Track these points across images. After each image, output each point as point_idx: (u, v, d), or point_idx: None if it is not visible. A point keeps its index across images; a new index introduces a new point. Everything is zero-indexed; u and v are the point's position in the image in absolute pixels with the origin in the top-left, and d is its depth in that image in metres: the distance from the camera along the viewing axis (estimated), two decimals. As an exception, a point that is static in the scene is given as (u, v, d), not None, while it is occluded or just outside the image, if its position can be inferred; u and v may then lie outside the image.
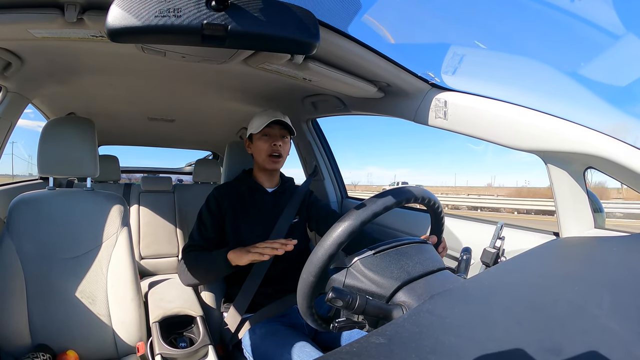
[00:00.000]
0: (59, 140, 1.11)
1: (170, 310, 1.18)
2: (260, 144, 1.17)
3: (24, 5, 0.67)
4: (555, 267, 0.62)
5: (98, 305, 1.07)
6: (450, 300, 0.46)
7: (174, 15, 0.49)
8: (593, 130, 0.75)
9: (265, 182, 1.23)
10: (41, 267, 1.03)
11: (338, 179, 1.80)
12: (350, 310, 0.52)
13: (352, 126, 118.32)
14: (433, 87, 1.01)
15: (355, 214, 0.58)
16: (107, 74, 1.18)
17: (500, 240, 0.73)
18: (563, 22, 0.93)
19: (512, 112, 0.85)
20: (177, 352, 1.02)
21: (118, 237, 1.13)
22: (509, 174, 68.74)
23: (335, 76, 0.98)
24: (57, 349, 0.97)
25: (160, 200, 2.15)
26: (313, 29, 0.58)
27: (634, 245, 0.68)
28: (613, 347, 0.32)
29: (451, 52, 0.99)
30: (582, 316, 0.39)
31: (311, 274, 0.57)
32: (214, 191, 1.19)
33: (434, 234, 0.80)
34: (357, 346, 0.33)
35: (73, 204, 1.13)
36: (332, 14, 0.77)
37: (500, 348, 0.33)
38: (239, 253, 0.98)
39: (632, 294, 0.45)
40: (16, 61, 0.95)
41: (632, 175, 0.71)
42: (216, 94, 1.42)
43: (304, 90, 1.32)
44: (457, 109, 0.94)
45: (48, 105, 1.58)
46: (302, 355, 0.89)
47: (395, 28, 0.97)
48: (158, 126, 2.04)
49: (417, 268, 0.59)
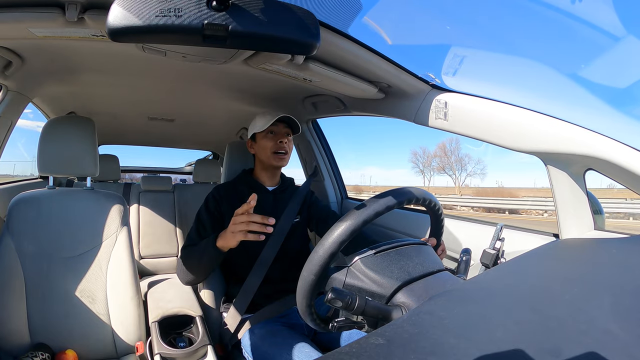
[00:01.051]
0: (59, 139, 1.11)
1: (169, 310, 1.18)
2: (265, 142, 1.17)
3: (25, 4, 0.67)
4: (554, 269, 0.62)
5: (97, 305, 1.07)
6: (449, 302, 0.46)
7: (174, 15, 0.49)
8: (593, 131, 0.75)
9: (267, 181, 1.23)
10: (41, 266, 1.03)
11: (338, 179, 1.80)
12: (350, 311, 0.52)
13: (352, 126, 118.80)
14: (433, 88, 1.01)
15: (357, 213, 0.59)
16: (108, 73, 1.18)
17: (499, 242, 0.74)
18: (563, 23, 0.93)
19: (512, 113, 0.85)
20: (176, 352, 1.02)
21: (118, 237, 1.13)
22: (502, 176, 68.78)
23: (335, 77, 0.98)
24: (56, 348, 0.97)
25: (160, 200, 2.15)
26: (314, 30, 0.58)
27: (633, 247, 0.68)
28: (612, 348, 0.32)
29: (451, 53, 0.99)
30: (582, 318, 0.39)
31: (312, 273, 0.57)
32: (213, 191, 1.19)
33: (433, 236, 0.80)
34: (357, 347, 0.33)
35: (73, 203, 1.13)
36: (333, 15, 0.77)
37: (499, 349, 0.33)
38: (225, 236, 0.95)
39: (631, 295, 0.45)
40: (17, 60, 0.95)
41: (632, 177, 0.71)
42: (216, 94, 1.42)
43: (305, 91, 1.32)
44: (457, 110, 0.94)
45: (48, 104, 1.59)
46: (301, 356, 0.88)
47: (395, 29, 0.97)
48: (158, 126, 2.04)
49: (417, 269, 0.60)
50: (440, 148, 28.54)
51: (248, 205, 0.88)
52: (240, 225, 0.89)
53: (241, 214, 0.90)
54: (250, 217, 0.89)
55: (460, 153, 28.12)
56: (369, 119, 1.39)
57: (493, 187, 29.40)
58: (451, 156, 28.39)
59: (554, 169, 0.85)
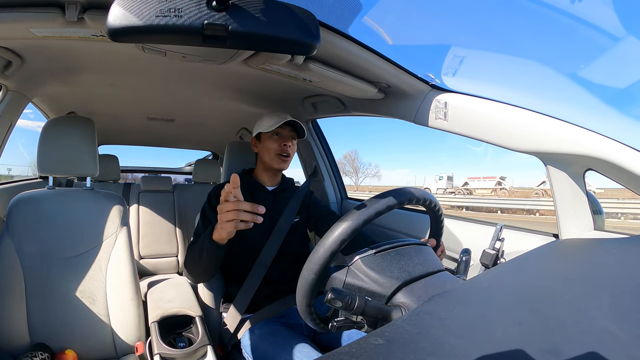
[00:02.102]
0: (58, 139, 1.11)
1: (169, 310, 1.18)
2: (270, 143, 1.17)
3: (25, 4, 0.67)
4: (554, 269, 0.62)
5: (97, 305, 1.07)
6: (449, 302, 0.46)
7: (174, 15, 0.49)
8: (593, 132, 0.75)
9: (267, 181, 1.23)
10: (40, 266, 1.03)
11: (338, 179, 1.80)
12: (350, 311, 0.52)
13: (352, 126, 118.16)
14: (433, 89, 1.01)
15: (357, 213, 0.59)
16: (108, 73, 1.18)
17: (499, 242, 0.74)
18: (563, 24, 0.94)
19: (512, 113, 0.85)
20: (176, 352, 1.02)
21: (117, 237, 1.13)
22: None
23: (335, 77, 0.98)
24: (55, 348, 0.97)
25: (159, 200, 2.15)
26: (313, 30, 0.58)
27: (633, 247, 0.68)
28: (612, 349, 0.32)
29: (451, 53, 0.99)
30: (582, 318, 0.39)
31: (312, 272, 0.57)
32: (214, 189, 1.19)
33: (433, 236, 0.80)
34: (356, 347, 0.33)
35: (72, 204, 1.13)
36: (333, 15, 0.77)
37: (499, 349, 0.33)
38: (217, 229, 0.87)
39: (631, 295, 0.45)
40: (16, 60, 0.95)
41: (632, 177, 0.71)
42: (216, 94, 1.42)
43: (304, 91, 1.32)
44: (457, 110, 0.94)
45: (48, 104, 1.59)
46: (301, 356, 0.88)
47: (395, 29, 0.97)
48: (158, 126, 2.04)
49: (417, 269, 0.60)
50: (344, 157, 39.21)
51: (230, 187, 0.77)
52: (227, 215, 0.80)
53: (226, 201, 0.80)
54: (238, 204, 0.78)
55: (358, 162, 39.18)
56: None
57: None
58: (352, 162, 39.01)
59: (553, 169, 0.85)
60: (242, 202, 0.79)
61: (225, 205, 0.80)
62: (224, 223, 0.81)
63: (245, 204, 0.79)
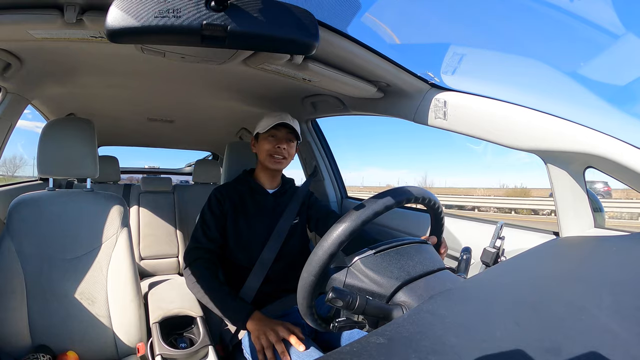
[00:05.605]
0: (58, 141, 1.11)
1: (170, 310, 1.18)
2: (265, 144, 1.17)
3: (24, 6, 0.67)
4: (555, 267, 0.62)
5: (98, 306, 1.07)
6: (450, 300, 0.46)
7: (173, 15, 0.49)
8: (593, 129, 0.75)
9: (267, 183, 1.23)
10: (41, 268, 1.03)
11: (338, 179, 1.80)
12: (351, 310, 0.52)
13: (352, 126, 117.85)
14: (432, 87, 1.01)
15: (356, 214, 0.58)
16: (107, 74, 1.18)
17: (500, 240, 0.74)
18: (563, 21, 0.93)
19: (511, 111, 0.85)
20: (178, 352, 1.02)
21: (118, 238, 1.13)
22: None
23: (334, 76, 0.98)
24: (57, 350, 0.97)
25: (160, 201, 2.15)
26: (312, 29, 0.58)
27: (634, 244, 0.68)
28: (613, 347, 0.32)
29: (450, 52, 0.99)
30: (582, 316, 0.39)
31: (311, 273, 0.57)
32: (214, 191, 1.19)
33: (434, 234, 0.80)
34: (357, 346, 0.33)
35: (73, 205, 1.13)
36: (332, 14, 0.77)
37: (500, 348, 0.33)
38: (261, 327, 0.95)
39: (632, 293, 0.45)
40: (16, 62, 0.95)
41: (632, 174, 0.71)
42: (216, 95, 1.42)
43: (304, 91, 1.32)
44: (456, 109, 0.94)
45: (48, 106, 1.58)
46: (302, 356, 0.88)
47: (394, 28, 0.97)
48: (157, 127, 2.04)
49: (417, 268, 0.60)
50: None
51: (294, 342, 0.90)
52: (267, 340, 0.91)
53: (282, 339, 0.91)
54: (280, 345, 0.90)
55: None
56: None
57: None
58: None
59: (553, 167, 0.85)
60: (285, 352, 0.89)
61: (276, 334, 0.92)
62: (259, 339, 0.92)
63: (284, 351, 0.89)
